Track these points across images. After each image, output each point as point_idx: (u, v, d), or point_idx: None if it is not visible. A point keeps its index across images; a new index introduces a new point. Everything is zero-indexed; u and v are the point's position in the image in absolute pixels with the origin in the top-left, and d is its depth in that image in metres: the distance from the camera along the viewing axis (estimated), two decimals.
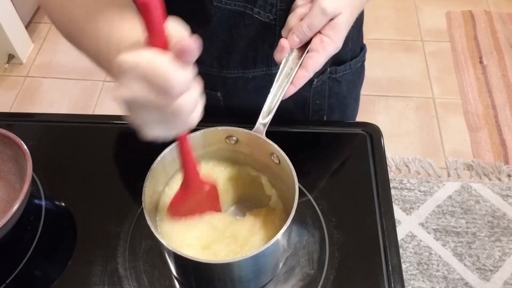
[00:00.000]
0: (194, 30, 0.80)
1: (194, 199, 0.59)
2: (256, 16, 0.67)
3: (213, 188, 0.61)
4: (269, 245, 0.53)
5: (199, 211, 0.61)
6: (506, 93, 2.00)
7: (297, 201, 0.55)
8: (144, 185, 0.57)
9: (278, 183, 0.65)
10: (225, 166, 0.66)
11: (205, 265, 0.54)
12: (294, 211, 0.54)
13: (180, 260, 0.56)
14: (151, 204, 0.59)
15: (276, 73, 0.61)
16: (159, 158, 0.59)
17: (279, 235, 0.53)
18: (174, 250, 0.53)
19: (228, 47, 0.72)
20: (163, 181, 0.63)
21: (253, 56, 0.73)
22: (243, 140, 0.63)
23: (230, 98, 0.81)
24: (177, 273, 0.63)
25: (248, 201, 0.68)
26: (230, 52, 0.73)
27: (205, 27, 0.68)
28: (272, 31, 0.69)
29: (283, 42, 0.60)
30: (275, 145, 0.60)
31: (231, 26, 0.69)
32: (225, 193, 0.66)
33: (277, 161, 0.61)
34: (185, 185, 0.57)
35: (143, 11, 0.38)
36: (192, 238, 0.60)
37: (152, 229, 0.53)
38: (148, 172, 0.58)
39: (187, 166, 0.55)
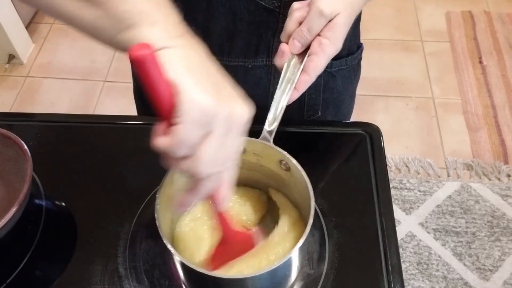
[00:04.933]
0: (197, 16, 0.78)
1: (232, 249, 0.59)
2: (261, 2, 0.67)
3: (249, 237, 0.61)
4: (285, 259, 0.52)
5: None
6: (506, 93, 2.00)
7: (313, 210, 0.54)
8: (156, 202, 0.56)
9: (287, 190, 0.64)
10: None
11: (220, 279, 0.54)
12: (311, 223, 0.53)
13: (194, 274, 0.56)
14: (164, 220, 0.59)
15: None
16: (166, 178, 0.58)
17: (296, 249, 0.52)
18: (188, 264, 0.52)
19: (231, 34, 0.72)
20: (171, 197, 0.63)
21: (255, 44, 0.73)
22: (250, 149, 0.62)
23: None
24: (188, 283, 0.62)
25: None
26: (232, 39, 0.73)
27: (208, 12, 0.68)
28: (276, 19, 0.69)
29: (283, 47, 0.60)
30: (285, 153, 0.59)
31: (235, 13, 0.68)
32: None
33: (286, 168, 0.60)
34: (222, 239, 0.58)
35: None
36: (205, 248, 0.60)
37: (166, 243, 0.53)
38: (158, 190, 0.57)
39: (222, 223, 0.56)
